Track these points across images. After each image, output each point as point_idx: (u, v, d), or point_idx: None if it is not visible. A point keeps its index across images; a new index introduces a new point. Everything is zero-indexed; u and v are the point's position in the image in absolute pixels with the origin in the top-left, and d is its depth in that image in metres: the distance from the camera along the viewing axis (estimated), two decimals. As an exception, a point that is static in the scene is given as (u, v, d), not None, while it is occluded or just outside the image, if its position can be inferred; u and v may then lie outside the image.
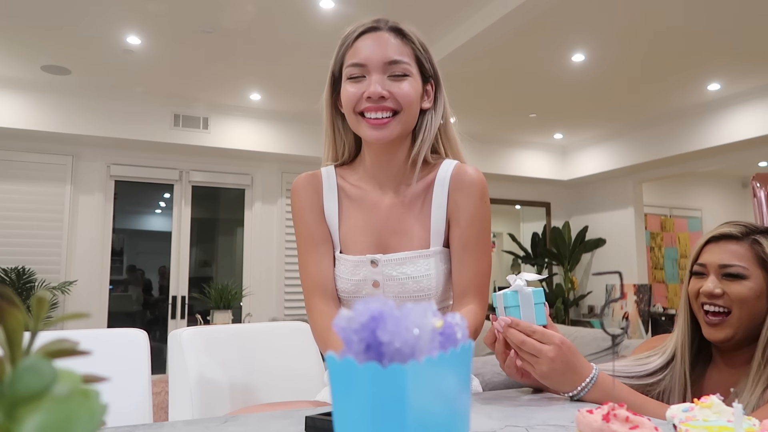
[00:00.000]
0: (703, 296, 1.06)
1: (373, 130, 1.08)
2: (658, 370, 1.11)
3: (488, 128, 6.29)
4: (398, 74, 1.08)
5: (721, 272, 1.06)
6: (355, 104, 1.08)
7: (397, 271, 1.10)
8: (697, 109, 5.55)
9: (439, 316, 0.41)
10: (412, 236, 1.13)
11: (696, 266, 1.11)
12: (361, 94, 1.07)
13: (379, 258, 1.11)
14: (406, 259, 1.10)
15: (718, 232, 1.10)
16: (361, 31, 1.11)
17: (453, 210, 1.13)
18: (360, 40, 1.10)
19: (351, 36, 1.12)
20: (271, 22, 3.76)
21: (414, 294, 1.10)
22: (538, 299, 0.96)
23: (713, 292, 1.05)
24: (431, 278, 1.10)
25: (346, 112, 1.11)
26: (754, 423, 0.54)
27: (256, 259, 5.80)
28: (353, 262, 1.13)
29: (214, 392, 1.24)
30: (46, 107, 4.82)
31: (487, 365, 2.36)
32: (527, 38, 4.00)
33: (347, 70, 1.10)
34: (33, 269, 4.81)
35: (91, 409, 0.27)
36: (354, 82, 1.09)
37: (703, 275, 1.09)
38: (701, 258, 1.10)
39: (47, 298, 0.29)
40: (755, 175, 3.17)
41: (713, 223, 8.45)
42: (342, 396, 0.38)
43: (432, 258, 1.11)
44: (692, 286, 1.10)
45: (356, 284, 1.12)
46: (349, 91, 1.09)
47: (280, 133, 5.68)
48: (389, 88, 1.07)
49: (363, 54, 1.08)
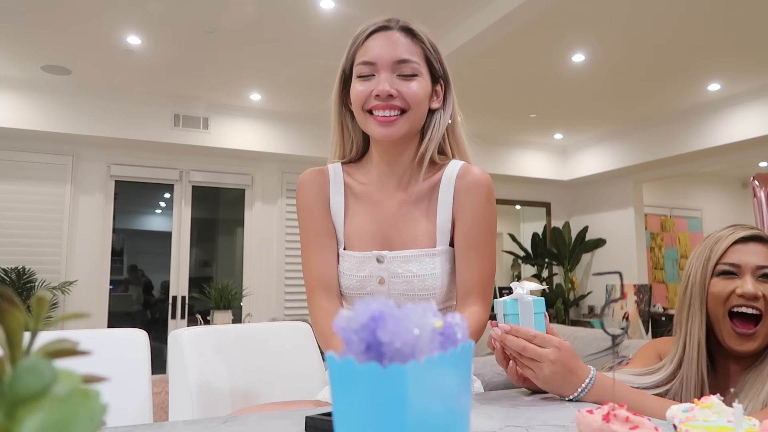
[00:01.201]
0: (739, 298, 1.00)
1: (381, 128, 1.08)
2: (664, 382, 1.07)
3: (488, 128, 6.29)
4: (407, 74, 1.09)
5: (758, 273, 1.00)
6: (363, 102, 1.09)
7: (402, 269, 1.10)
8: (697, 109, 5.55)
9: (440, 316, 0.41)
10: (418, 234, 1.13)
11: (725, 266, 1.03)
12: (370, 92, 1.08)
13: (385, 255, 1.11)
14: (412, 257, 1.10)
15: (745, 233, 1.04)
16: (372, 30, 1.12)
17: (459, 209, 1.13)
18: (371, 39, 1.11)
19: (362, 35, 1.13)
20: (271, 22, 3.76)
21: (419, 292, 1.10)
22: (539, 309, 0.95)
23: (754, 293, 0.98)
24: (436, 277, 1.10)
25: (355, 109, 1.12)
26: (754, 423, 0.54)
27: (256, 259, 5.80)
28: (358, 259, 1.13)
29: (214, 392, 1.24)
30: (46, 107, 4.82)
31: (487, 365, 2.36)
32: (527, 38, 4.00)
33: (357, 68, 1.11)
34: (33, 269, 4.81)
35: (91, 409, 0.27)
36: (363, 80, 1.10)
37: (733, 276, 1.02)
38: (730, 257, 1.03)
39: (47, 298, 0.29)
40: (755, 175, 3.17)
41: (713, 223, 8.46)
42: (342, 396, 0.38)
43: (438, 257, 1.11)
44: (721, 287, 1.02)
45: (361, 280, 1.12)
46: (358, 89, 1.10)
47: (280, 133, 5.68)
48: (398, 87, 1.08)
49: (373, 52, 1.09)
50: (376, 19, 1.14)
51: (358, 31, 1.14)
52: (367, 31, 1.12)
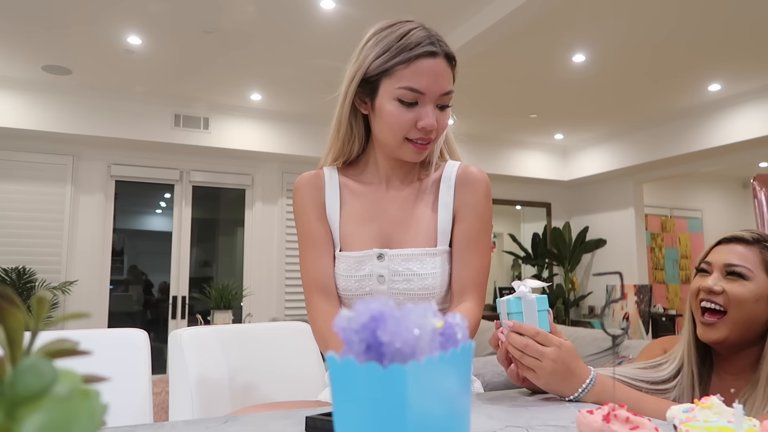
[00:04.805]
0: (703, 292, 1.07)
1: (416, 154, 1.10)
2: (671, 377, 1.10)
3: (489, 128, 6.29)
4: (445, 105, 1.09)
5: (726, 270, 1.06)
6: (407, 131, 1.07)
7: (402, 267, 1.10)
8: (697, 109, 5.55)
9: (440, 316, 0.41)
10: (418, 231, 1.14)
11: (702, 264, 1.11)
12: (415, 122, 1.06)
13: (386, 252, 1.11)
14: (412, 255, 1.11)
15: (729, 234, 1.10)
16: (421, 53, 1.05)
17: (459, 207, 1.14)
18: (420, 62, 1.04)
19: (409, 52, 1.05)
20: (271, 22, 3.76)
21: (418, 292, 1.10)
22: (542, 306, 0.96)
23: (713, 288, 1.05)
24: (436, 277, 1.10)
25: (391, 131, 1.08)
26: (754, 423, 0.54)
27: (256, 260, 5.80)
28: (357, 258, 1.13)
29: (214, 392, 1.24)
30: (47, 107, 4.82)
31: (487, 366, 2.36)
32: (528, 39, 4.00)
33: (400, 91, 1.05)
34: (33, 269, 4.81)
35: (92, 409, 0.27)
36: (406, 107, 1.06)
37: (707, 273, 1.09)
38: (708, 257, 1.10)
39: (48, 298, 0.29)
40: (756, 176, 3.16)
41: (714, 223, 8.47)
42: (342, 396, 0.38)
43: (438, 257, 1.11)
44: (695, 283, 1.11)
45: (360, 280, 1.12)
46: (401, 117, 1.06)
47: (281, 133, 5.68)
48: (437, 119, 1.08)
49: (423, 83, 1.04)
50: (417, 30, 1.07)
51: (403, 41, 1.05)
52: (416, 52, 1.04)
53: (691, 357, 1.10)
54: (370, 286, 1.12)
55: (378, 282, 1.11)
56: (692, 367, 1.09)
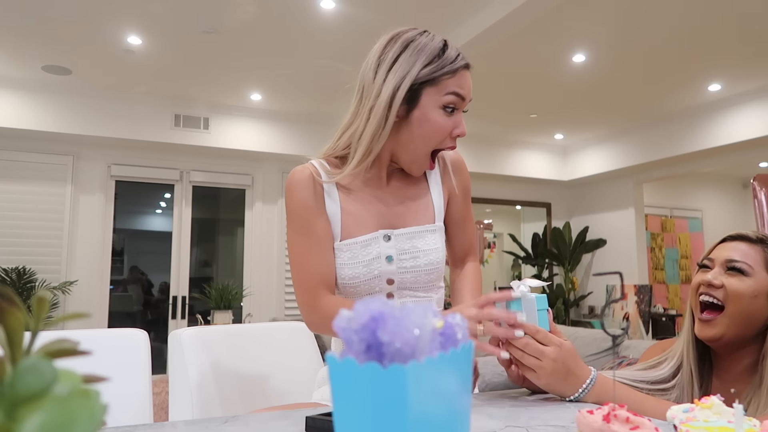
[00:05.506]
0: (703, 286, 1.07)
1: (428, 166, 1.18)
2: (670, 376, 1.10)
3: (489, 129, 6.29)
4: (465, 110, 1.15)
5: (726, 266, 1.06)
6: (442, 139, 1.12)
7: (409, 245, 1.15)
8: (697, 109, 5.54)
9: (440, 316, 0.41)
10: (417, 211, 1.19)
11: (704, 260, 1.12)
12: (451, 130, 1.12)
13: (392, 232, 1.15)
14: (416, 233, 1.16)
15: (734, 233, 1.12)
16: (462, 64, 1.11)
17: (452, 187, 1.25)
18: (462, 73, 1.11)
19: (454, 63, 1.10)
20: (271, 22, 3.76)
21: (425, 268, 1.15)
22: (542, 305, 0.97)
23: (712, 282, 1.05)
24: (439, 251, 1.17)
25: (425, 139, 1.11)
26: (754, 423, 0.54)
27: (256, 260, 5.80)
28: (362, 243, 1.13)
29: (214, 392, 1.24)
30: (47, 107, 4.82)
31: (487, 365, 2.36)
32: (528, 39, 4.00)
33: (449, 97, 1.09)
34: (33, 269, 4.81)
35: (92, 409, 0.27)
36: (448, 114, 1.10)
37: (708, 269, 1.10)
38: (711, 254, 1.11)
39: (48, 298, 0.29)
40: (756, 176, 3.16)
41: (714, 223, 8.46)
42: (342, 396, 0.38)
43: (437, 233, 1.19)
44: (696, 279, 1.11)
45: (368, 264, 1.11)
46: (444, 124, 1.11)
47: (281, 134, 5.68)
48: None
49: (465, 90, 1.12)
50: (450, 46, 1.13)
51: (448, 55, 1.10)
52: (459, 63, 1.10)
53: (689, 354, 1.10)
54: (378, 269, 1.12)
55: (387, 262, 1.13)
56: (691, 365, 1.09)
